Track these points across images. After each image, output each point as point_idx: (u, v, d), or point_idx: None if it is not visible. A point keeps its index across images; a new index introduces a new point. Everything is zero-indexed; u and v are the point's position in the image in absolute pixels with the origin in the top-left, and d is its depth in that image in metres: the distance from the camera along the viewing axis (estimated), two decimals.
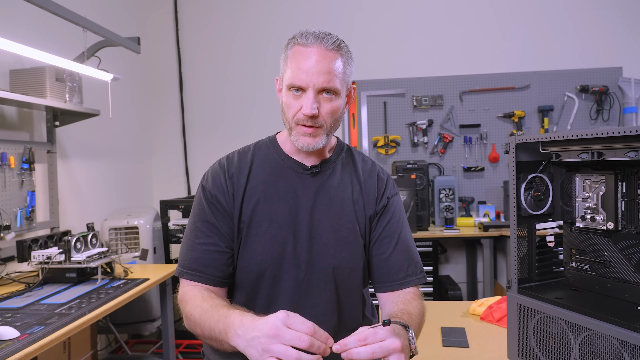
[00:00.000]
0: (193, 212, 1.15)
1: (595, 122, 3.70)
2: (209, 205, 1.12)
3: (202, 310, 0.98)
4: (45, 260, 2.05)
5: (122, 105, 3.51)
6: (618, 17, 3.73)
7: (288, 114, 1.09)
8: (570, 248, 1.10)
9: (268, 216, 1.10)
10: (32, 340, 1.42)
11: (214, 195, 1.12)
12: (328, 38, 1.05)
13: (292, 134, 1.09)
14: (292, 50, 1.07)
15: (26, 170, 2.38)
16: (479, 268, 3.78)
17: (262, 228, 1.10)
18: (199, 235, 1.11)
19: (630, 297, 0.96)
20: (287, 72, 1.07)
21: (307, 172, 1.14)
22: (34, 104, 2.27)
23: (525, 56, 3.80)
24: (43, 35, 2.56)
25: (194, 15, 4.06)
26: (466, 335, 1.41)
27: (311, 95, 1.03)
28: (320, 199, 1.13)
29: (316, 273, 1.10)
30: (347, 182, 1.17)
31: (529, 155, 1.08)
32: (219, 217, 1.11)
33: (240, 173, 1.14)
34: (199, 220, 1.12)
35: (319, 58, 1.03)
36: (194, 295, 1.05)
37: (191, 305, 1.03)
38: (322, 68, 1.03)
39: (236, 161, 1.16)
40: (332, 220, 1.12)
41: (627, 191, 0.97)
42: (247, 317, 0.87)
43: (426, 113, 3.86)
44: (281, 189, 1.12)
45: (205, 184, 1.14)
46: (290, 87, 1.06)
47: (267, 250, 1.09)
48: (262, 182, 1.13)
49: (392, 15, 3.90)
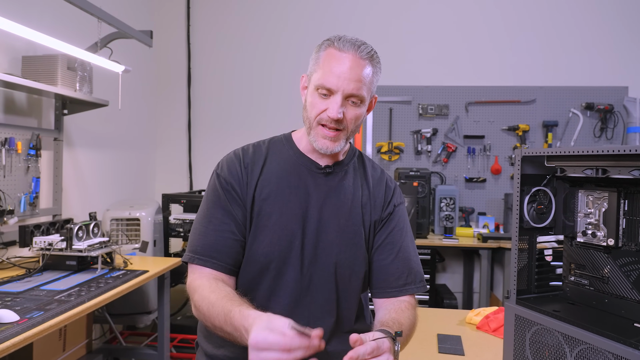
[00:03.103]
0: (206, 199, 1.15)
1: (599, 140, 3.72)
2: (225, 192, 1.12)
3: (209, 303, 0.99)
4: (47, 246, 2.06)
5: (131, 97, 3.53)
6: (626, 37, 3.75)
7: (311, 113, 1.10)
8: (569, 262, 1.11)
9: (278, 209, 1.11)
10: (31, 324, 1.43)
11: (230, 182, 1.12)
12: (364, 47, 1.08)
13: (312, 133, 1.11)
14: (325, 52, 1.08)
15: (32, 156, 2.39)
16: (475, 278, 3.79)
17: (272, 220, 1.10)
18: (213, 221, 1.11)
19: (627, 314, 0.97)
20: (317, 72, 1.08)
21: (320, 171, 1.16)
22: (44, 91, 2.29)
23: (533, 70, 3.82)
24: (57, 23, 2.58)
25: (205, 11, 4.08)
26: (462, 343, 1.42)
27: (339, 99, 1.06)
28: (330, 198, 1.15)
29: (319, 270, 1.12)
30: (357, 186, 1.19)
31: (534, 168, 1.10)
32: (234, 204, 1.11)
33: (255, 164, 1.15)
34: (213, 207, 1.12)
35: (352, 65, 1.05)
36: (202, 284, 1.04)
37: (199, 295, 1.03)
38: (353, 75, 1.05)
39: (251, 152, 1.17)
40: (339, 220, 1.14)
41: (629, 209, 0.98)
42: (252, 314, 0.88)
43: (431, 122, 3.88)
44: (293, 184, 1.14)
45: (220, 172, 1.15)
46: (318, 88, 1.07)
47: (274, 242, 1.10)
48: (275, 175, 1.14)
49: (402, 22, 3.92)
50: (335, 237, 1.13)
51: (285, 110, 3.96)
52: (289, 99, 3.96)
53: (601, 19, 3.77)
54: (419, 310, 1.20)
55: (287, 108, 3.96)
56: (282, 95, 3.99)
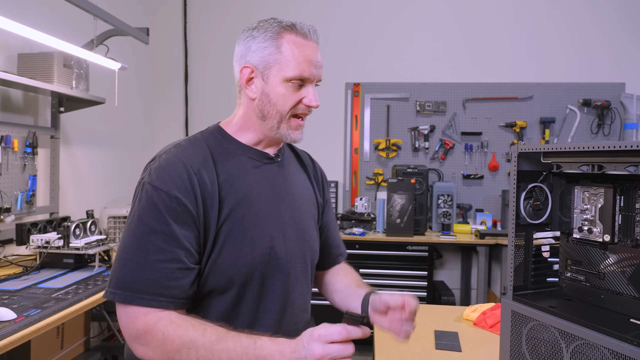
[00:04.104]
0: (140, 220, 0.93)
1: (596, 136, 3.72)
2: (168, 211, 0.92)
3: (209, 342, 0.86)
4: (44, 244, 2.06)
5: (128, 94, 3.52)
6: (623, 34, 3.75)
7: (284, 106, 1.02)
8: (566, 258, 1.12)
9: (249, 211, 1.01)
10: (28, 322, 1.43)
11: (176, 197, 0.92)
12: (318, 33, 1.07)
13: (282, 127, 1.04)
14: (287, 39, 1.01)
15: (29, 154, 2.39)
16: (473, 275, 3.80)
17: (245, 225, 1.00)
18: (153, 249, 0.91)
19: (623, 309, 0.97)
20: (288, 65, 1.00)
21: (272, 161, 1.11)
22: (40, 89, 2.28)
23: (530, 67, 3.83)
24: (53, 20, 2.57)
25: (202, 8, 4.07)
26: (459, 339, 1.43)
27: (313, 87, 1.05)
28: (289, 188, 1.12)
29: (297, 263, 1.11)
30: (300, 170, 1.22)
31: (530, 164, 1.10)
32: (182, 226, 0.93)
33: (205, 167, 0.99)
34: (152, 232, 0.91)
35: (317, 51, 1.05)
36: (172, 323, 0.88)
37: (180, 338, 0.86)
38: (320, 61, 1.06)
39: (194, 153, 1.01)
40: (302, 208, 1.15)
41: (625, 205, 0.98)
42: (283, 344, 0.86)
43: (429, 118, 3.88)
44: (253, 181, 1.05)
45: (158, 185, 0.93)
46: (292, 79, 1.00)
47: (255, 247, 1.01)
48: (233, 176, 1.02)
49: (400, 19, 3.91)
50: (303, 226, 1.13)
51: None
52: None
53: (598, 16, 3.77)
54: None
55: None
56: None
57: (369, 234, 3.40)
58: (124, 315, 0.92)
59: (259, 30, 1.02)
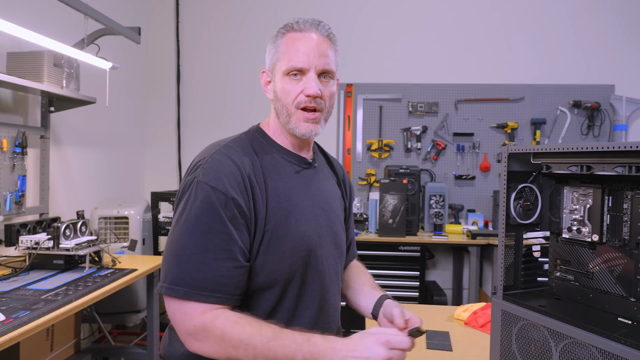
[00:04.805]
0: (198, 220, 0.95)
1: (586, 137, 3.76)
2: (226, 212, 0.95)
3: (265, 339, 0.89)
4: (34, 245, 2.04)
5: (119, 94, 3.50)
6: (612, 37, 3.79)
7: (286, 100, 1.05)
8: (555, 258, 1.13)
9: (292, 215, 1.05)
10: (17, 324, 1.42)
11: (233, 198, 0.96)
12: (323, 24, 1.08)
13: (291, 121, 1.06)
14: (285, 38, 1.07)
15: (18, 154, 2.36)
16: (465, 275, 3.82)
17: (289, 228, 1.04)
18: (212, 249, 0.94)
19: (611, 308, 0.98)
20: (282, 59, 1.05)
21: (309, 166, 1.15)
22: (30, 88, 2.26)
23: (521, 69, 3.85)
24: (43, 19, 2.55)
25: (194, 7, 4.05)
26: (450, 339, 1.44)
27: (313, 75, 1.04)
28: (323, 192, 1.17)
29: (332, 264, 1.15)
30: (331, 174, 1.26)
31: (520, 165, 1.11)
32: (238, 226, 0.97)
33: (254, 170, 1.02)
34: (211, 231, 0.94)
35: (318, 41, 1.05)
36: (229, 320, 0.93)
37: (238, 335, 0.90)
38: (321, 51, 1.05)
39: (243, 155, 1.04)
40: (334, 212, 1.19)
41: (613, 205, 0.99)
42: (336, 342, 0.90)
43: (421, 119, 3.90)
44: (295, 186, 1.09)
45: (215, 185, 0.96)
46: (288, 72, 1.04)
47: (297, 249, 1.05)
48: (276, 179, 1.06)
49: (392, 20, 3.93)
50: (336, 229, 1.18)
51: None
52: None
53: (589, 19, 3.81)
54: (408, 306, 1.23)
55: None
56: None
57: (361, 234, 3.40)
58: (179, 312, 0.94)
59: (272, 36, 1.11)
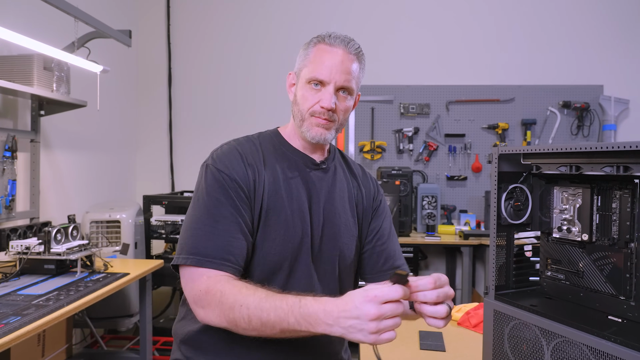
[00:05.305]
0: (207, 195, 1.06)
1: (576, 137, 3.80)
2: (231, 189, 1.07)
3: (258, 299, 0.92)
4: (24, 250, 2.02)
5: (110, 97, 3.48)
6: (601, 38, 3.84)
7: (303, 106, 1.13)
8: (546, 257, 1.14)
9: (287, 206, 1.11)
10: (8, 330, 1.40)
11: (234, 179, 1.08)
12: (352, 43, 1.15)
13: (304, 125, 1.13)
14: (315, 48, 1.13)
15: (8, 158, 2.34)
16: (457, 275, 3.84)
17: (281, 218, 1.10)
18: (221, 220, 1.04)
19: (601, 307, 1.00)
20: (308, 67, 1.13)
21: (317, 167, 1.19)
22: (20, 92, 2.24)
23: (511, 70, 3.89)
24: (32, 22, 2.53)
25: (186, 10, 4.04)
26: (443, 339, 1.44)
27: (331, 90, 1.11)
28: (329, 193, 1.19)
29: (324, 264, 1.16)
30: (347, 179, 1.26)
31: (510, 166, 1.12)
32: (242, 202, 1.07)
33: (256, 161, 1.13)
34: (219, 204, 1.05)
35: (342, 59, 1.12)
36: (226, 286, 0.97)
37: (228, 297, 0.94)
38: (344, 68, 1.12)
39: (249, 149, 1.15)
40: (340, 213, 1.20)
41: (602, 204, 1.00)
42: (328, 304, 0.86)
43: (413, 121, 3.92)
44: (296, 181, 1.15)
45: (221, 168, 1.09)
46: (310, 81, 1.11)
47: (287, 240, 1.10)
48: (278, 172, 1.14)
49: (383, 22, 3.94)
50: (337, 230, 1.18)
51: (268, 110, 3.95)
52: (272, 99, 3.95)
53: (577, 20, 3.85)
54: None
55: (270, 108, 3.95)
56: (265, 95, 3.98)
57: None
58: (189, 279, 1.02)
59: (306, 42, 1.17)
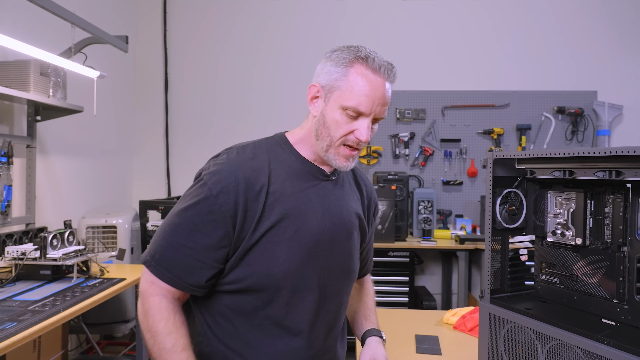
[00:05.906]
0: (195, 212, 1.02)
1: (570, 142, 3.83)
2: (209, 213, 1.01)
3: (163, 345, 0.99)
4: (20, 256, 2.01)
5: (107, 103, 3.48)
6: (595, 44, 3.88)
7: (336, 133, 1.04)
8: (541, 261, 1.15)
9: (293, 222, 1.05)
10: (3, 336, 1.40)
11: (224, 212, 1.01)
12: (394, 71, 1.05)
13: (330, 151, 1.06)
14: (354, 70, 1.02)
15: (4, 164, 2.34)
16: (454, 280, 3.85)
17: (287, 234, 1.04)
18: (192, 237, 1.01)
19: (595, 310, 1.01)
20: (346, 93, 1.02)
21: (327, 178, 1.13)
22: (16, 97, 2.24)
23: (506, 75, 3.92)
24: (29, 28, 2.53)
25: (182, 15, 4.06)
26: (439, 343, 1.45)
27: (369, 122, 1.03)
28: (338, 205, 1.14)
29: (334, 281, 1.12)
30: (353, 190, 1.22)
31: (505, 171, 1.13)
32: (217, 228, 1.01)
33: (259, 176, 1.04)
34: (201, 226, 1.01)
35: (385, 90, 1.03)
36: (159, 305, 1.01)
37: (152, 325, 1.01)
38: (386, 100, 1.04)
39: (250, 160, 1.06)
40: (347, 226, 1.15)
41: (595, 209, 1.02)
42: None
43: (408, 126, 3.94)
44: (304, 195, 1.08)
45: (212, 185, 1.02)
46: (347, 109, 1.02)
47: (291, 258, 1.04)
48: (285, 187, 1.06)
49: (380, 28, 3.97)
50: (345, 243, 1.14)
51: (265, 116, 3.96)
52: (268, 104, 3.96)
53: (572, 27, 3.89)
54: (398, 312, 1.24)
55: (267, 113, 3.96)
56: (261, 101, 3.99)
57: None
58: (147, 280, 1.04)
59: (338, 54, 1.06)
